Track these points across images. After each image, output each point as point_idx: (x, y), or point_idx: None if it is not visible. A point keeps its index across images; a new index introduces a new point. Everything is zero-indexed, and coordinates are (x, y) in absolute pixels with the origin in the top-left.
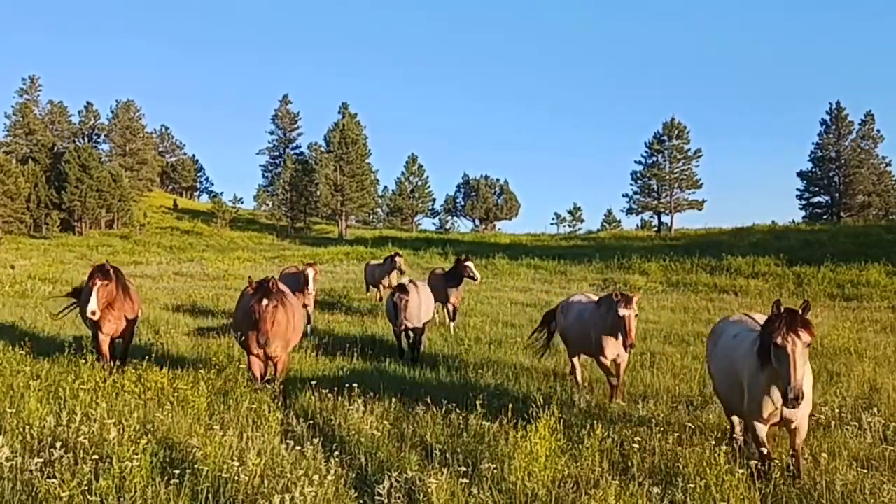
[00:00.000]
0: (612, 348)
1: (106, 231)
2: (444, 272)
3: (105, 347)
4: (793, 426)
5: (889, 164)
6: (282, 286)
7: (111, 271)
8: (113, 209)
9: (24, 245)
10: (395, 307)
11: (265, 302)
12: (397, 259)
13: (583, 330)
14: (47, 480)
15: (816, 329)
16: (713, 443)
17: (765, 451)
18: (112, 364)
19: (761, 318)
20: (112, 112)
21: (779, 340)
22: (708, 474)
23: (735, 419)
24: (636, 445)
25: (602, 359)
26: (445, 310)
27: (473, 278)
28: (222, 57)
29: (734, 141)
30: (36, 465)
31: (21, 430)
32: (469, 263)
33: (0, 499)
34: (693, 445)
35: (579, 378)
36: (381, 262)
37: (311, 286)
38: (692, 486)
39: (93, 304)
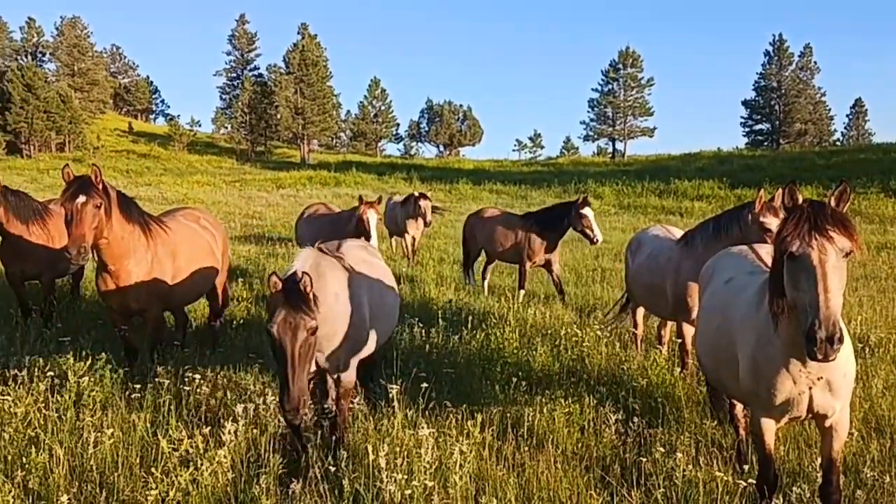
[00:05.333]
0: None
1: (57, 154)
2: (401, 201)
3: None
4: (827, 423)
5: (824, 95)
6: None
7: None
8: (63, 132)
9: None
10: None
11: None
12: (422, 203)
13: (654, 278)
14: (0, 398)
15: None
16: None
17: (768, 453)
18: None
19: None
20: (57, 29)
21: (796, 247)
22: (650, 373)
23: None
24: (584, 350)
25: (686, 326)
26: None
27: (426, 221)
28: None
29: (685, 70)
30: None
31: None
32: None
33: None
34: (637, 350)
35: (639, 339)
36: (403, 200)
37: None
38: (636, 385)
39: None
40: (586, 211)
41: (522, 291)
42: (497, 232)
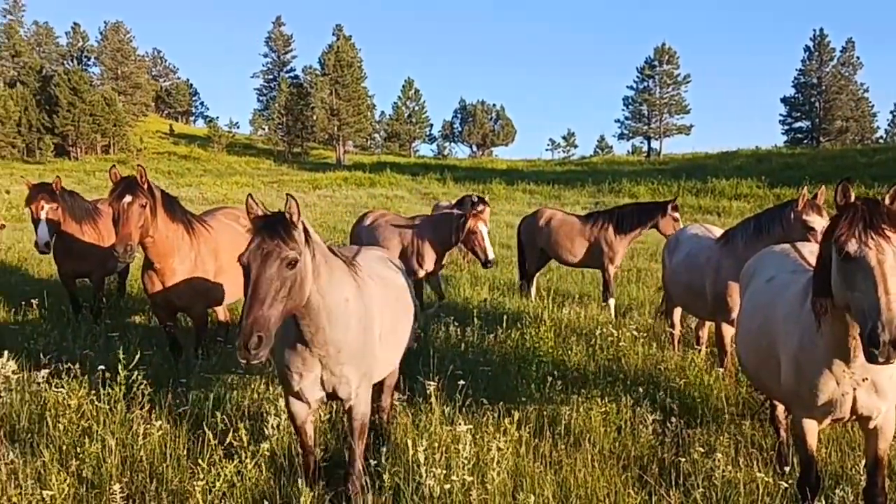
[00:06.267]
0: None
1: (102, 156)
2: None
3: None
4: (871, 424)
5: (867, 91)
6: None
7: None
8: (108, 134)
9: (18, 170)
10: None
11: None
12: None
13: (692, 278)
14: (55, 391)
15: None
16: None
17: (810, 455)
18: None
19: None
20: (101, 34)
21: (854, 248)
22: (688, 374)
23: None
24: (621, 349)
25: (725, 326)
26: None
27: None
28: None
29: (722, 67)
30: (43, 376)
31: (27, 346)
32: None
33: (10, 408)
34: (674, 351)
35: (675, 339)
36: (452, 204)
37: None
38: (673, 385)
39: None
40: (677, 215)
41: (612, 301)
42: (563, 236)
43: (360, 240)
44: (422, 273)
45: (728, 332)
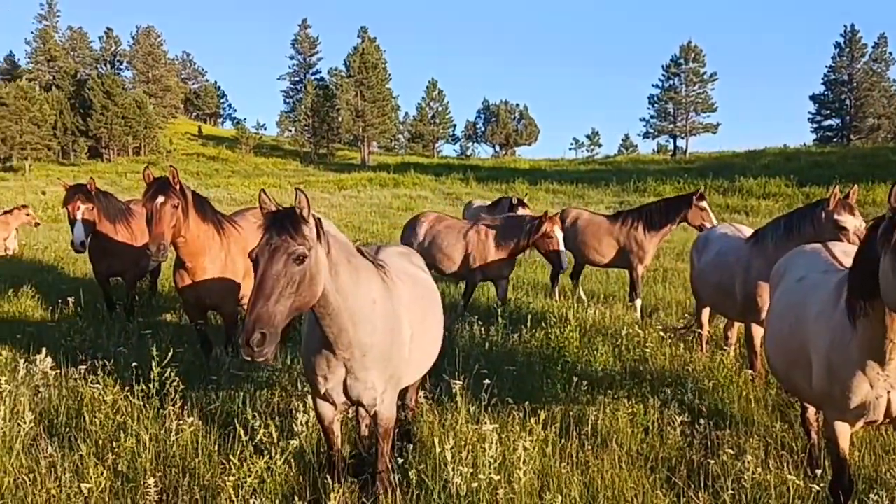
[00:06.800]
0: None
1: (133, 158)
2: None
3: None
4: None
5: None
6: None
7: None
8: (139, 136)
9: (54, 171)
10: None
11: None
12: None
13: (722, 278)
14: (91, 387)
15: None
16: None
17: (842, 457)
18: None
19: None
20: (133, 38)
21: None
22: (717, 375)
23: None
24: (648, 350)
25: (755, 327)
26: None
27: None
28: None
29: (750, 65)
30: (80, 372)
31: (63, 343)
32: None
33: (48, 403)
34: (702, 352)
35: (704, 340)
36: (489, 205)
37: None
38: (701, 386)
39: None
40: (704, 204)
41: (639, 302)
42: (591, 236)
43: (415, 245)
44: (481, 279)
45: (758, 332)
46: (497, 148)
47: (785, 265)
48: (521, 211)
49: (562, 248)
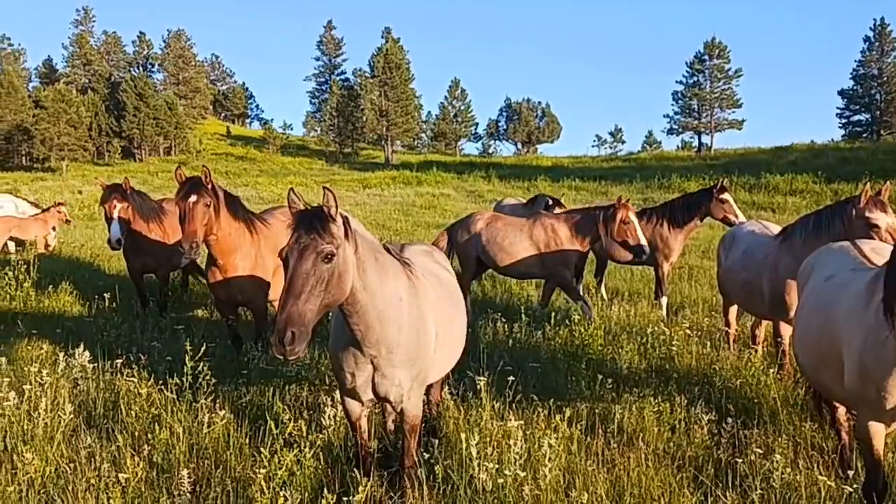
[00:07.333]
0: None
1: (164, 158)
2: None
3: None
4: None
5: None
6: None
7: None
8: (170, 137)
9: (90, 172)
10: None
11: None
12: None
13: (750, 275)
14: (127, 380)
15: None
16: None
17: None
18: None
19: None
20: (164, 41)
21: None
22: (744, 374)
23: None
24: (674, 348)
25: (783, 325)
26: None
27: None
28: None
29: (775, 61)
30: (116, 366)
31: (100, 337)
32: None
33: (86, 395)
34: (729, 350)
35: (731, 338)
36: (524, 203)
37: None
38: (729, 385)
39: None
40: (726, 196)
41: (665, 300)
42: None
43: (474, 245)
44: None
45: (786, 331)
46: (519, 146)
47: (813, 263)
48: (556, 211)
49: (640, 233)
